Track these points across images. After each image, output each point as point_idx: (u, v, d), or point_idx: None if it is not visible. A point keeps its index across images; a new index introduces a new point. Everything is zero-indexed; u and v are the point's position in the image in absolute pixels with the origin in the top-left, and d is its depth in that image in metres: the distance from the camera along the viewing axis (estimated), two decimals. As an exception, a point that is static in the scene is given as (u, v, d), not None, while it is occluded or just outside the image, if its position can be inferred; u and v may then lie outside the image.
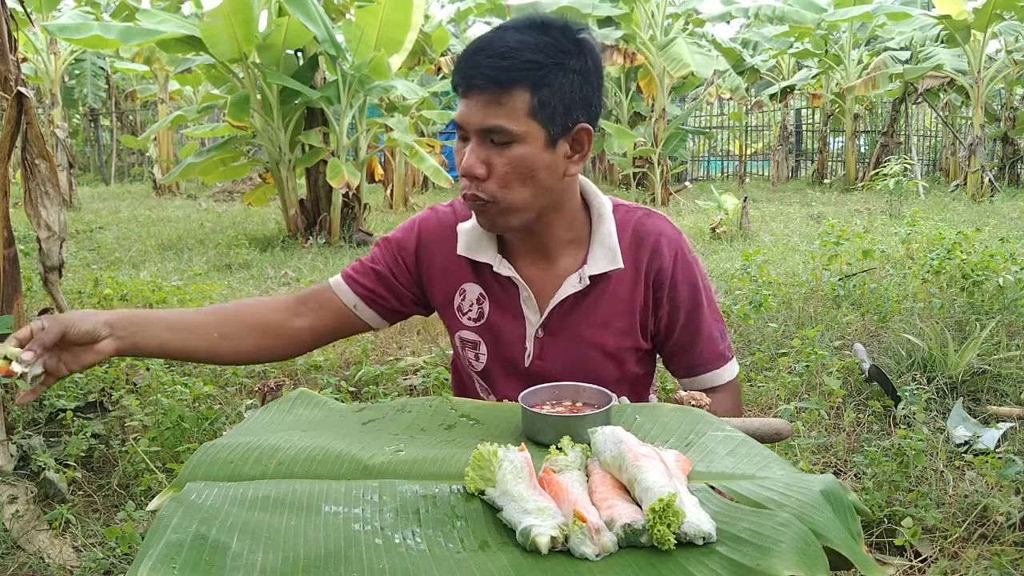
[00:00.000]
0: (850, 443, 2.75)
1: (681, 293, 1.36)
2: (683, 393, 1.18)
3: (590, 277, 1.32)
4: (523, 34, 1.19)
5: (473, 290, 1.39)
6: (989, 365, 3.34)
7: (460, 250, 1.37)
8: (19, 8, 3.62)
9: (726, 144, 18.62)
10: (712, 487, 0.87)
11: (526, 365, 1.36)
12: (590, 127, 1.24)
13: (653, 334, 1.40)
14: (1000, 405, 3.11)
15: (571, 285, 1.33)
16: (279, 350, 1.40)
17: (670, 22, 11.69)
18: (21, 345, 1.12)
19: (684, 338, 1.39)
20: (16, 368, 1.07)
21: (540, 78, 1.17)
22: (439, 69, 11.24)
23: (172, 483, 0.91)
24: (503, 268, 1.35)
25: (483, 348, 1.40)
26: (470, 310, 1.39)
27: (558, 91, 1.19)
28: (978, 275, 4.19)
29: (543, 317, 1.35)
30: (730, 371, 1.43)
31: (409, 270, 1.42)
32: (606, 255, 1.32)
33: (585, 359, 1.36)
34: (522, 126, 1.18)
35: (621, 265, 1.32)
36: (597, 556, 0.76)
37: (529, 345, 1.36)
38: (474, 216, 1.31)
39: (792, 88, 15.51)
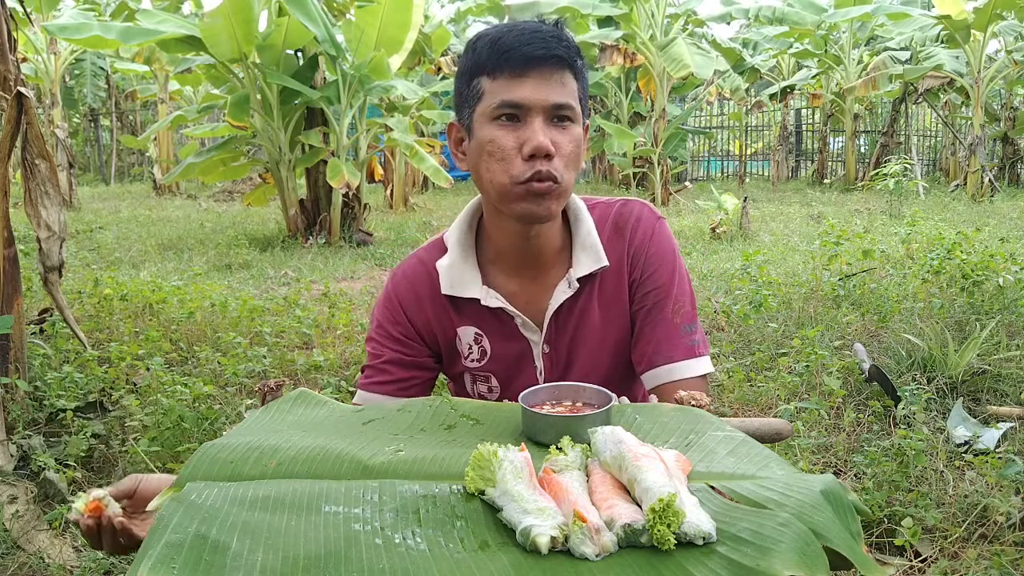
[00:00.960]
0: (850, 443, 2.75)
1: (652, 271, 1.33)
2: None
3: (578, 280, 1.31)
4: (555, 28, 1.22)
5: (467, 333, 1.36)
6: (989, 365, 3.34)
7: (444, 289, 1.33)
8: (19, 8, 3.62)
9: (726, 144, 18.63)
10: (712, 487, 0.87)
11: (541, 383, 1.35)
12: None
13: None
14: (1000, 405, 3.11)
15: (562, 292, 1.31)
16: None
17: (669, 22, 11.69)
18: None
19: (647, 321, 1.33)
20: (98, 492, 1.12)
21: (580, 68, 1.23)
22: (439, 69, 11.24)
23: (172, 483, 0.91)
24: (491, 299, 1.32)
25: (494, 381, 1.39)
26: (471, 352, 1.37)
27: (584, 85, 1.25)
28: (978, 275, 4.19)
29: (544, 332, 1.34)
30: (697, 367, 1.31)
31: (412, 338, 1.39)
32: (589, 255, 1.31)
33: (594, 363, 1.35)
34: (578, 107, 1.22)
35: (606, 263, 1.31)
36: (597, 556, 0.76)
37: (539, 363, 1.36)
38: (522, 213, 1.22)
39: (792, 88, 15.51)
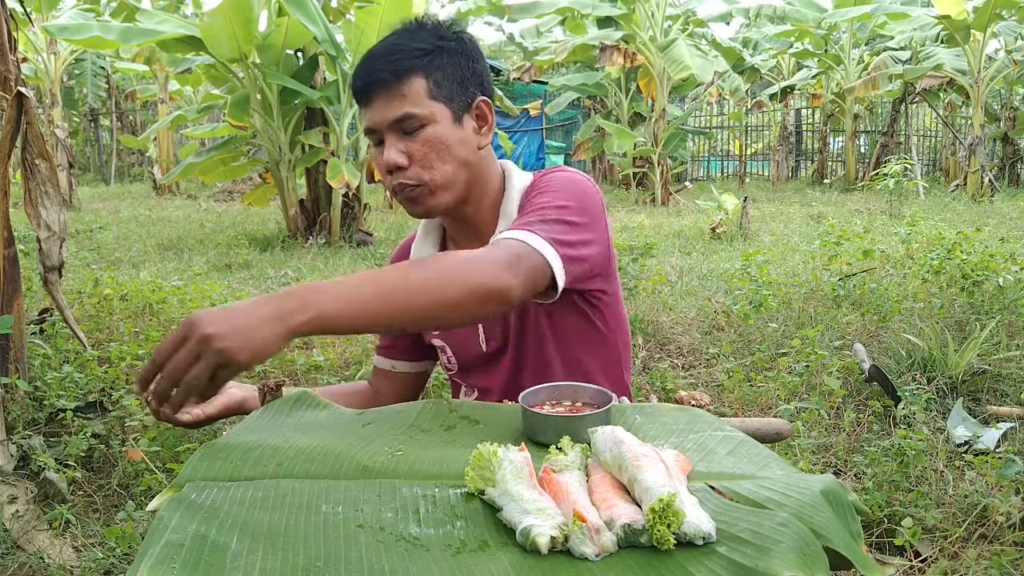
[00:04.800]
0: (850, 443, 2.75)
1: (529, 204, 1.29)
2: (683, 393, 1.18)
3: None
4: (402, 35, 1.30)
5: None
6: (989, 365, 3.34)
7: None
8: (19, 8, 3.62)
9: (726, 144, 18.62)
10: (712, 487, 0.87)
11: (484, 350, 1.42)
12: (488, 99, 1.34)
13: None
14: (1000, 405, 3.11)
15: None
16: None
17: (670, 23, 11.69)
18: None
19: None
20: None
21: (429, 62, 1.27)
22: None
23: (172, 483, 0.91)
24: None
25: (449, 352, 1.47)
26: None
27: (448, 71, 1.28)
28: (978, 275, 4.19)
29: None
30: (527, 237, 1.16)
31: None
32: (506, 222, 1.36)
33: (523, 325, 1.38)
34: (427, 108, 1.27)
35: None
36: (597, 556, 0.76)
37: (480, 330, 1.42)
38: (407, 211, 1.36)
39: (792, 88, 15.50)
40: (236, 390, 1.34)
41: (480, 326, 1.41)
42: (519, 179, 1.39)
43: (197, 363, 0.88)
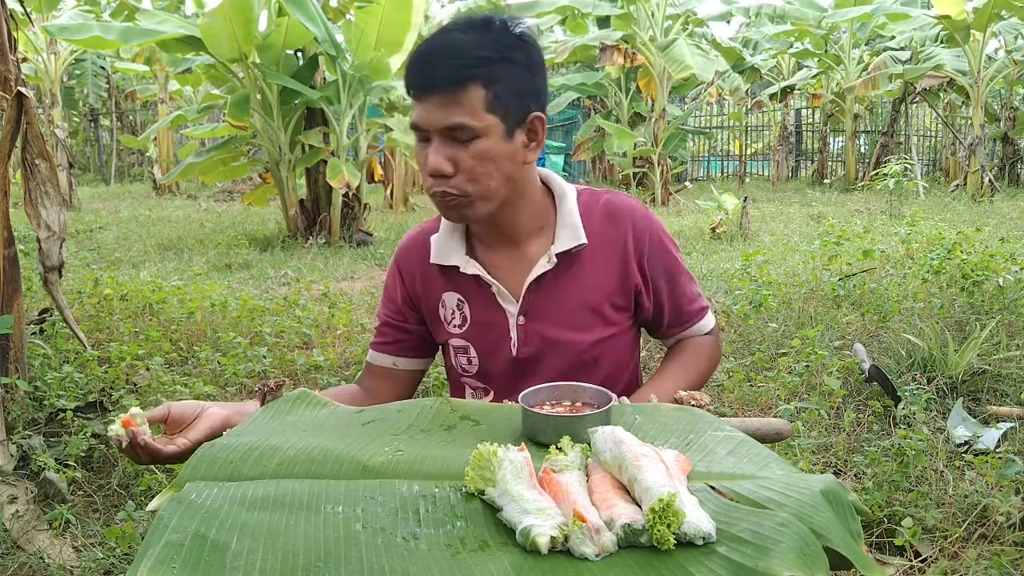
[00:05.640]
0: (850, 443, 2.75)
1: (662, 265, 1.42)
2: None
3: (557, 255, 1.35)
4: (469, 33, 1.24)
5: (452, 298, 1.43)
6: (989, 365, 3.34)
7: (432, 259, 1.42)
8: (19, 8, 3.63)
9: (726, 144, 18.61)
10: (712, 487, 0.87)
11: (514, 354, 1.39)
12: (543, 115, 1.29)
13: (637, 307, 1.43)
14: (1000, 405, 3.11)
15: (541, 266, 1.36)
16: None
17: (670, 23, 11.69)
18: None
19: (672, 302, 1.45)
20: (135, 411, 1.20)
21: (492, 73, 1.22)
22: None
23: (172, 483, 0.91)
24: (470, 267, 1.38)
25: (473, 352, 1.43)
26: (454, 317, 1.43)
27: (509, 84, 1.24)
28: (978, 275, 4.20)
29: (520, 303, 1.38)
30: (711, 320, 1.52)
31: (405, 303, 1.48)
32: (569, 233, 1.36)
33: (565, 339, 1.37)
34: (482, 121, 1.23)
35: (584, 240, 1.36)
36: (597, 556, 0.76)
37: (513, 334, 1.39)
38: (441, 214, 1.35)
39: (792, 88, 15.50)
40: (218, 409, 1.28)
41: (514, 330, 1.38)
42: (570, 191, 1.40)
43: None
